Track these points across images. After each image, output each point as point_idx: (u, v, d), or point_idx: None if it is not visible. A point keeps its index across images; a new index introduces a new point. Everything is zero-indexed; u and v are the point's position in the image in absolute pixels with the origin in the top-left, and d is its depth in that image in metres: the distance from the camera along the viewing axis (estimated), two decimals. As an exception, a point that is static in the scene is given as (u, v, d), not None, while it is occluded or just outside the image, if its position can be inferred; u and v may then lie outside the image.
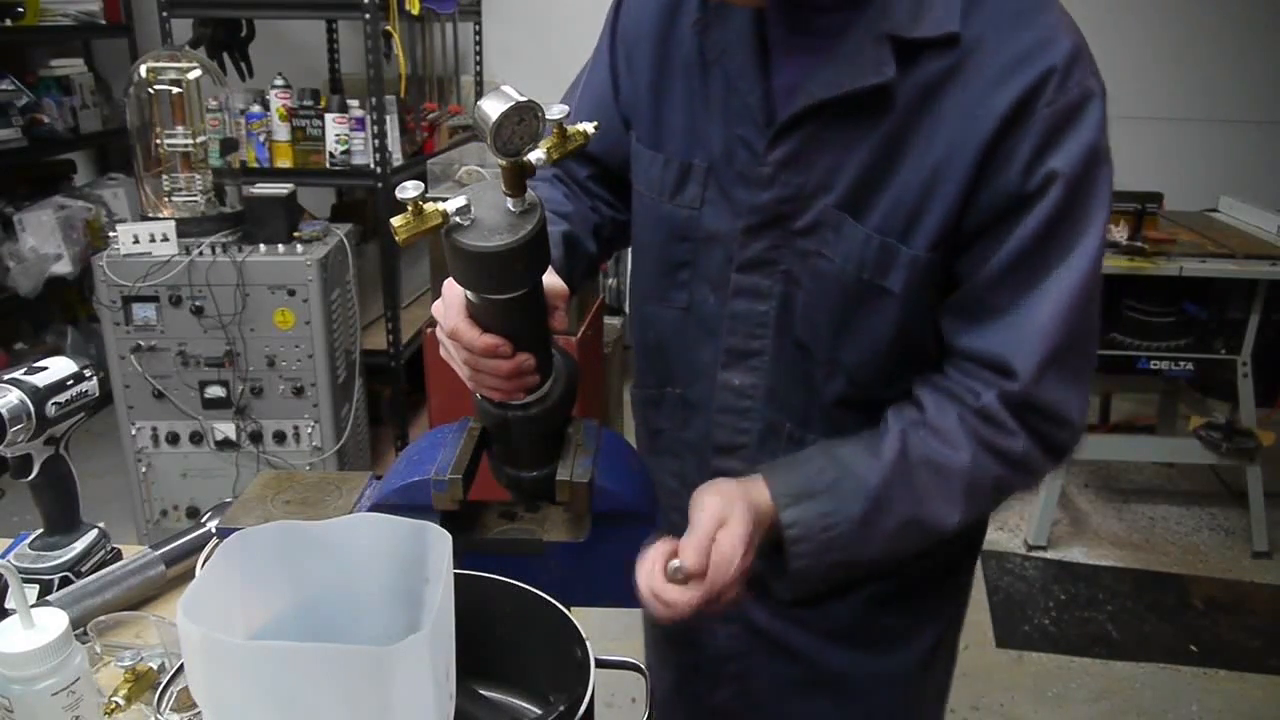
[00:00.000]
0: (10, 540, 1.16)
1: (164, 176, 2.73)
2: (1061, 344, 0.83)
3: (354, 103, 3.01)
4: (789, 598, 0.91)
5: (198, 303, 2.61)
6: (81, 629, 0.99)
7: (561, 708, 0.70)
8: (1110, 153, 0.83)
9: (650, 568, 0.82)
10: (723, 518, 0.83)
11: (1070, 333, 0.83)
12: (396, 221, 0.75)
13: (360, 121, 2.98)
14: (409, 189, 0.73)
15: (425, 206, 0.74)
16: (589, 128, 0.80)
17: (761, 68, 0.89)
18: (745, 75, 0.90)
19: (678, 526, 0.85)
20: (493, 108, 0.71)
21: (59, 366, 1.08)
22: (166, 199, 2.73)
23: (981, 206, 0.83)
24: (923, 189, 0.84)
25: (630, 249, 1.09)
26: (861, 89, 0.82)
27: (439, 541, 0.68)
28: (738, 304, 0.96)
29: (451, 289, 0.84)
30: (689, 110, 0.95)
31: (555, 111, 0.75)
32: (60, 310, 3.97)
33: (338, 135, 2.99)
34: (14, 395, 1.03)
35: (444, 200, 0.76)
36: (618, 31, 1.03)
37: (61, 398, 1.06)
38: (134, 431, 2.73)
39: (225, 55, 3.33)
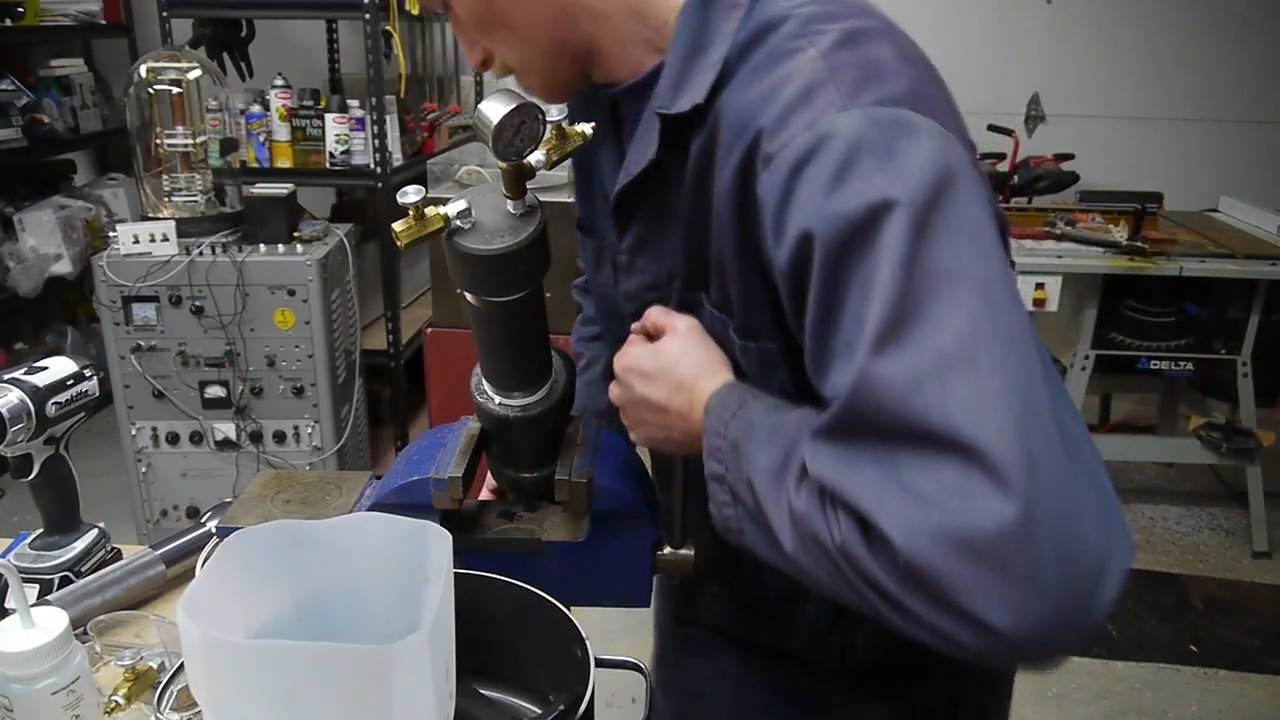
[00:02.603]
0: (10, 540, 1.16)
1: (164, 176, 2.72)
2: (847, 421, 0.61)
3: (354, 103, 3.01)
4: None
5: (198, 303, 2.61)
6: (81, 628, 0.99)
7: (561, 707, 0.70)
8: (929, 203, 0.60)
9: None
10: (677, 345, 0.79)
11: (860, 411, 0.60)
12: (398, 226, 0.75)
13: (360, 121, 2.98)
14: (410, 194, 0.74)
15: (427, 211, 0.75)
16: (587, 129, 0.80)
17: (617, 150, 0.84)
18: (605, 161, 0.86)
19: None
20: (493, 111, 0.71)
21: (59, 366, 1.08)
22: (166, 199, 2.73)
23: (785, 295, 0.69)
24: (719, 279, 0.77)
25: None
26: (640, 174, 0.77)
27: (439, 541, 0.68)
28: None
29: None
30: (604, 191, 0.90)
31: (554, 113, 0.75)
32: (60, 310, 3.97)
33: (338, 135, 2.99)
34: (14, 395, 1.03)
35: (445, 203, 0.76)
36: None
37: (61, 398, 1.06)
38: (134, 431, 2.73)
39: (225, 55, 3.33)
